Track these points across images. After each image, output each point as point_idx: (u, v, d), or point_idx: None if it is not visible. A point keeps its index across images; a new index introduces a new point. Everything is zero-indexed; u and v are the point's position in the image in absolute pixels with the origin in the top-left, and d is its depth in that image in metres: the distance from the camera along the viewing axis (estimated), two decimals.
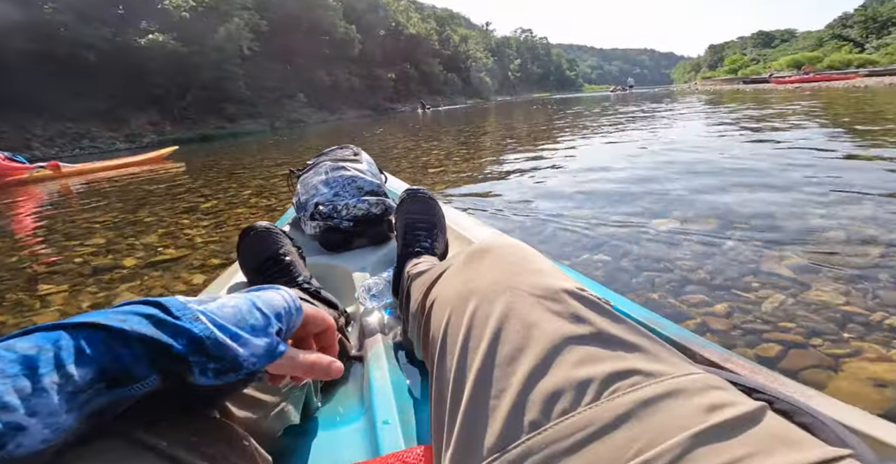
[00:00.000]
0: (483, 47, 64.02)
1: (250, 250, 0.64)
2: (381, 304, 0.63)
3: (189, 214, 2.37)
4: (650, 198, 1.80)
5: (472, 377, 0.21)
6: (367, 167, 1.00)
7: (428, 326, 0.30)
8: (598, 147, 3.82)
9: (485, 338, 0.22)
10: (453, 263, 0.32)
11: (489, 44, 69.57)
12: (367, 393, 0.46)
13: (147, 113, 16.08)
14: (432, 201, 0.67)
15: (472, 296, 0.25)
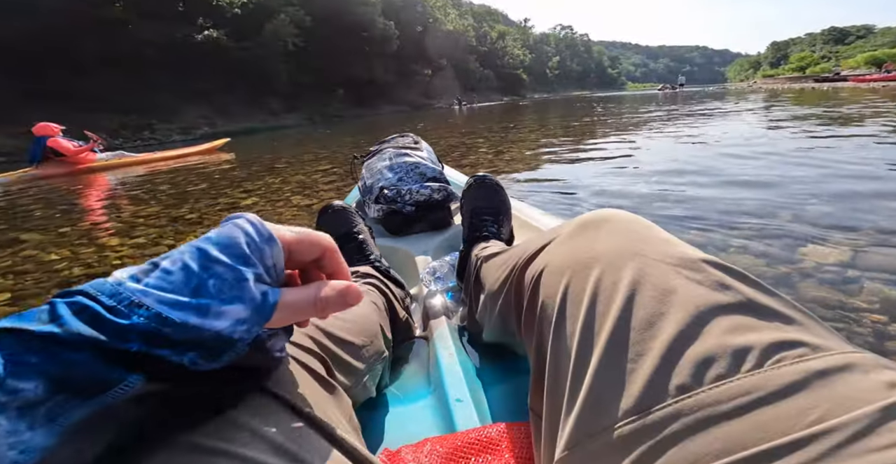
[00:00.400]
0: (521, 44, 62.54)
1: (327, 227, 0.65)
2: (444, 287, 0.64)
3: (229, 213, 2.23)
4: (781, 215, 1.40)
5: (601, 342, 0.21)
6: (428, 155, 1.02)
7: (535, 296, 0.29)
8: (671, 145, 3.38)
9: (615, 303, 0.22)
10: (557, 236, 0.31)
11: (527, 40, 67.85)
12: (434, 372, 0.47)
13: (200, 106, 16.88)
14: (499, 188, 0.66)
15: (594, 263, 0.25)
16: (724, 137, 3.70)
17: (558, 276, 0.27)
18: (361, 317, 0.42)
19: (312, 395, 0.26)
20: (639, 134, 4.71)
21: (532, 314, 0.29)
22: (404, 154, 0.98)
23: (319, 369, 0.30)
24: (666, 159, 2.75)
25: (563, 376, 0.23)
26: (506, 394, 0.43)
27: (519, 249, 0.38)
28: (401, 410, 0.44)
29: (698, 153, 3.00)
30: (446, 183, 0.94)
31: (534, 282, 0.30)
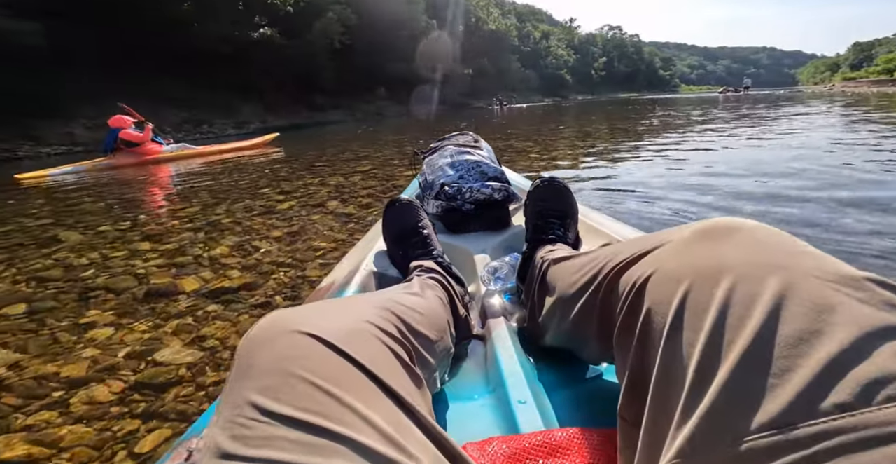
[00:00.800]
0: (565, 44, 60.49)
1: (394, 220, 0.68)
2: (503, 287, 0.63)
3: (264, 219, 2.10)
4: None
5: (734, 355, 0.20)
6: (488, 154, 1.02)
7: (637, 303, 0.27)
8: (760, 152, 2.88)
9: (752, 317, 0.21)
10: (665, 242, 0.29)
11: (572, 41, 65.46)
12: (492, 372, 0.47)
13: (253, 103, 17.72)
14: (567, 191, 0.64)
15: (723, 273, 0.23)
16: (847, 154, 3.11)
17: (672, 284, 0.25)
18: (433, 311, 0.42)
19: (405, 384, 0.27)
20: (711, 138, 4.18)
21: (631, 320, 0.28)
22: (465, 152, 0.98)
23: (405, 358, 0.30)
24: (752, 166, 2.51)
25: (676, 385, 0.22)
26: (568, 399, 0.42)
27: (603, 253, 0.36)
28: (460, 407, 0.43)
29: (801, 162, 2.57)
30: (507, 183, 0.92)
31: (635, 288, 0.28)
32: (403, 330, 0.33)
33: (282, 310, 0.29)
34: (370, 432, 0.21)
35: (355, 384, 0.24)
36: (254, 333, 0.27)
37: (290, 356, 0.24)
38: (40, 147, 11.10)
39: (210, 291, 1.29)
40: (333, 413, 0.21)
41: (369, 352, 0.27)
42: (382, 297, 0.39)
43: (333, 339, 0.26)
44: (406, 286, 0.47)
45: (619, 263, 0.32)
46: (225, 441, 0.20)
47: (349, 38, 19.86)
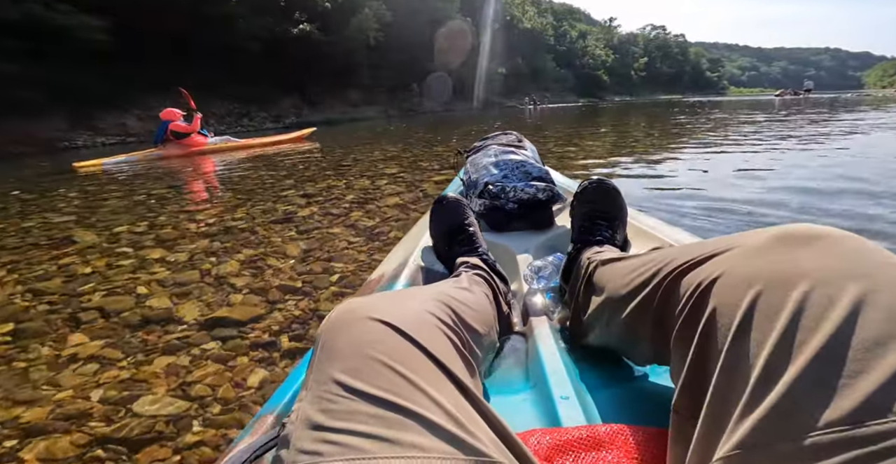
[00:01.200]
0: (603, 44, 58.12)
1: (441, 217, 0.69)
2: (546, 286, 0.64)
3: (282, 228, 1.94)
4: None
5: (805, 355, 0.21)
6: (532, 154, 1.03)
7: (700, 304, 0.28)
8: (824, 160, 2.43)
9: (827, 320, 0.21)
10: (735, 247, 0.29)
11: (611, 40, 62.82)
12: (534, 368, 0.48)
13: (291, 97, 18.18)
14: (616, 192, 0.63)
15: (800, 279, 0.23)
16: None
17: (743, 286, 0.25)
18: (481, 306, 0.44)
19: (462, 370, 0.29)
20: (772, 142, 3.71)
21: (693, 320, 0.28)
22: (510, 152, 0.99)
23: (461, 347, 0.32)
24: (824, 174, 2.36)
25: (740, 381, 0.22)
26: (612, 397, 0.42)
27: (660, 255, 0.36)
28: (502, 399, 0.44)
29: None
30: (552, 183, 0.92)
31: (700, 289, 0.28)
32: (457, 321, 0.35)
33: (356, 298, 0.32)
34: (437, 410, 0.23)
35: (423, 368, 0.26)
36: (334, 319, 0.30)
37: (366, 340, 0.27)
38: (97, 137, 11.85)
39: (209, 321, 1.11)
40: (405, 393, 0.24)
41: (432, 339, 0.29)
42: (436, 290, 0.41)
43: (403, 326, 0.28)
44: (456, 281, 0.49)
45: (679, 265, 0.32)
46: (315, 414, 0.23)
47: (384, 35, 19.89)
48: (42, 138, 10.80)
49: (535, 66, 38.05)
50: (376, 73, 21.08)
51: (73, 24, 9.98)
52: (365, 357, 0.26)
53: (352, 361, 0.25)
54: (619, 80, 58.68)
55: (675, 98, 42.79)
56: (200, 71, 15.12)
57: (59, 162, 6.63)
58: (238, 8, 15.33)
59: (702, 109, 12.53)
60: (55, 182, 4.03)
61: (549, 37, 43.11)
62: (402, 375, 0.25)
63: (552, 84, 41.08)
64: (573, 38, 49.19)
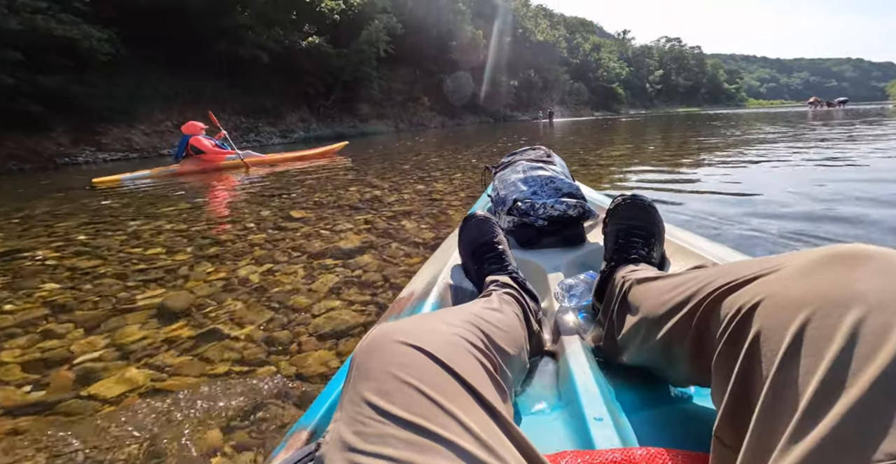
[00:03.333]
0: (618, 56, 58.88)
1: (469, 235, 0.70)
2: (577, 305, 0.63)
3: (260, 296, 1.44)
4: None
5: (860, 383, 0.20)
6: (561, 169, 1.03)
7: (743, 327, 0.28)
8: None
9: (885, 347, 0.21)
10: (780, 267, 0.29)
11: (625, 53, 63.70)
12: (565, 388, 0.47)
13: (299, 111, 18.27)
14: (652, 209, 0.63)
15: (853, 303, 0.23)
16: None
17: (790, 310, 0.25)
18: (512, 327, 0.44)
19: (494, 395, 0.30)
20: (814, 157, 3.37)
21: (735, 345, 0.28)
22: (538, 167, 0.99)
23: (492, 370, 0.33)
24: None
25: (787, 410, 0.22)
26: (648, 419, 0.42)
27: (700, 275, 0.36)
28: (532, 420, 0.44)
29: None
30: (583, 199, 0.92)
31: (742, 313, 0.28)
32: (488, 344, 0.36)
33: (389, 323, 0.33)
34: (467, 437, 0.24)
35: (454, 393, 0.27)
36: (368, 343, 0.30)
37: (399, 363, 0.28)
38: (99, 152, 11.81)
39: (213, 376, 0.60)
40: (436, 417, 0.24)
41: (464, 364, 0.30)
42: (467, 311, 0.41)
43: (434, 350, 0.29)
44: (487, 301, 0.50)
45: (721, 286, 0.32)
46: (348, 435, 0.24)
47: (394, 48, 20.14)
48: (42, 154, 10.81)
49: (548, 78, 38.38)
50: (387, 85, 21.28)
51: (75, 35, 10.04)
52: (397, 381, 0.26)
53: (384, 383, 0.26)
54: (635, 93, 58.99)
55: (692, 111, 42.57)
56: (207, 84, 15.30)
57: (62, 178, 6.40)
58: (246, 20, 15.59)
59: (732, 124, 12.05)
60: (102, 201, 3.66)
61: (563, 49, 43.75)
62: (433, 399, 0.25)
63: (566, 97, 41.28)
64: (587, 50, 49.90)
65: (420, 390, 0.26)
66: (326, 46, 17.68)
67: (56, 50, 10.07)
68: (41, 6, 9.53)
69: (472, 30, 27.02)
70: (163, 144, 13.24)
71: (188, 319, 1.08)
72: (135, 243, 2.00)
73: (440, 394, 0.26)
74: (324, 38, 17.66)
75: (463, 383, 0.28)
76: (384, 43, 19.48)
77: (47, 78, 9.93)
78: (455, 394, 0.27)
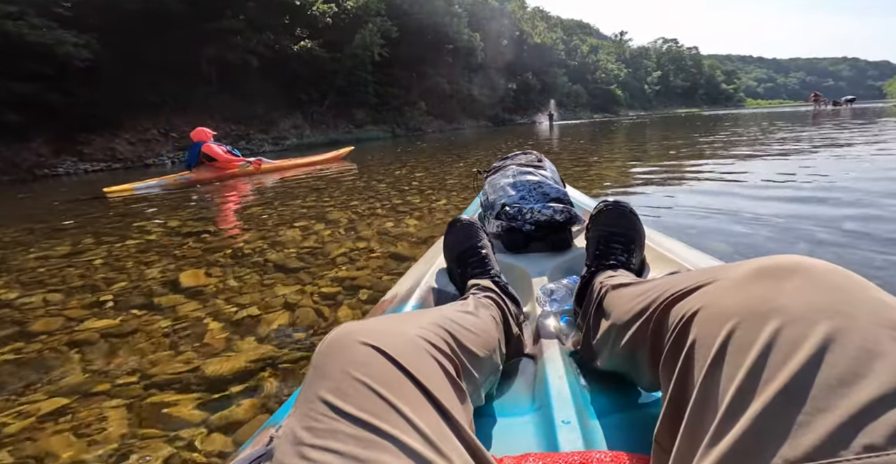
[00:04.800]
0: (615, 58, 59.20)
1: (454, 239, 0.72)
2: (559, 309, 0.65)
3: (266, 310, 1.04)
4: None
5: (769, 391, 0.21)
6: (551, 174, 1.05)
7: (683, 335, 0.29)
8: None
9: (795, 357, 0.22)
10: (719, 278, 0.30)
11: (622, 54, 64.12)
12: (539, 391, 0.49)
13: (292, 117, 17.91)
14: (633, 216, 0.65)
15: (773, 315, 0.24)
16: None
17: (719, 320, 0.27)
18: (485, 331, 0.45)
19: (449, 396, 0.31)
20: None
21: (676, 351, 0.29)
22: (528, 172, 1.01)
23: (452, 372, 0.34)
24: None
25: (709, 414, 0.23)
26: (614, 423, 0.43)
27: (660, 283, 0.38)
28: (504, 422, 0.45)
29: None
30: (570, 204, 0.94)
31: (683, 321, 0.30)
32: (453, 346, 0.37)
33: (351, 322, 0.34)
34: (414, 434, 0.25)
35: (405, 392, 0.28)
36: (328, 342, 0.32)
37: (355, 363, 0.29)
38: (81, 163, 11.38)
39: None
40: (387, 416, 0.26)
41: (420, 365, 0.31)
42: (438, 314, 0.42)
43: (391, 351, 0.30)
44: (462, 304, 0.51)
45: (671, 295, 0.33)
46: (299, 431, 0.25)
47: (388, 51, 19.89)
48: (20, 165, 10.37)
49: (547, 81, 38.35)
50: (382, 90, 21.00)
51: (48, 41, 9.63)
52: (352, 380, 0.27)
53: (339, 382, 0.27)
54: (633, 95, 59.22)
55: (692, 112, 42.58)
56: (195, 91, 14.92)
57: (46, 191, 5.99)
58: (236, 24, 15.27)
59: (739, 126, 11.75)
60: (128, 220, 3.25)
61: (560, 51, 43.87)
62: (385, 398, 0.26)
63: (564, 99, 41.25)
64: (584, 52, 50.13)
65: (373, 390, 0.27)
66: (319, 51, 17.39)
67: (32, 56, 9.68)
68: (11, 10, 9.15)
69: (468, 32, 26.90)
70: (148, 154, 12.84)
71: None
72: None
73: (392, 393, 0.27)
74: (316, 42, 17.37)
75: (417, 383, 0.29)
76: (379, 46, 19.21)
77: (23, 85, 9.52)
78: (407, 394, 0.28)
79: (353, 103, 19.67)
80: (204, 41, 14.72)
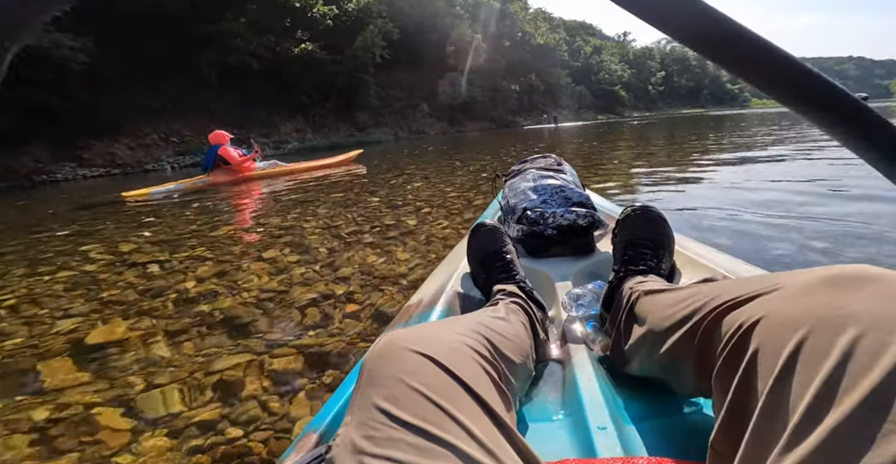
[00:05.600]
0: (619, 59, 58.98)
1: (478, 245, 0.72)
2: (585, 314, 0.64)
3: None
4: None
5: (851, 400, 0.21)
6: (572, 178, 1.07)
7: (742, 344, 0.29)
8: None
9: (877, 367, 0.22)
10: (781, 287, 0.30)
11: (626, 55, 63.89)
12: (570, 396, 0.48)
13: (294, 120, 17.80)
14: (662, 220, 0.64)
15: (849, 323, 0.24)
16: None
17: (787, 328, 0.26)
18: (518, 336, 0.46)
19: (498, 402, 0.31)
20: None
21: (735, 360, 0.29)
22: (548, 176, 1.01)
23: (497, 378, 0.34)
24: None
25: (780, 422, 0.23)
26: (651, 429, 0.42)
27: (704, 290, 0.38)
28: (536, 427, 0.45)
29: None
30: (593, 209, 0.94)
31: (742, 330, 0.29)
32: (493, 353, 0.37)
33: (398, 331, 0.34)
34: (472, 442, 0.25)
35: (460, 400, 0.28)
36: (378, 350, 0.32)
37: (408, 371, 0.29)
38: (80, 169, 11.28)
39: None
40: (443, 424, 0.26)
41: (470, 372, 0.31)
42: (474, 320, 0.43)
43: (441, 358, 0.31)
44: (493, 310, 0.51)
45: (724, 302, 0.33)
46: (359, 439, 0.25)
47: (390, 53, 19.77)
48: (18, 171, 10.29)
49: (550, 82, 38.17)
50: (384, 92, 20.89)
51: (44, 44, 9.55)
52: (405, 387, 0.28)
53: (393, 389, 0.28)
54: (638, 95, 58.95)
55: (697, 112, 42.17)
56: (196, 95, 14.86)
57: (45, 198, 5.82)
58: (236, 27, 15.19)
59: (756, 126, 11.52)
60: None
61: (563, 52, 43.72)
62: (440, 406, 0.27)
63: (568, 101, 41.07)
64: (587, 53, 49.97)
65: (427, 397, 0.27)
66: (320, 53, 17.28)
67: (30, 60, 9.61)
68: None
69: (470, 34, 26.81)
70: (148, 159, 12.74)
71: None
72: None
73: (447, 401, 0.27)
74: (317, 45, 17.26)
75: (469, 390, 0.29)
76: (380, 48, 19.10)
77: (20, 90, 9.45)
78: (461, 401, 0.28)
79: (356, 106, 19.55)
80: (204, 44, 14.65)
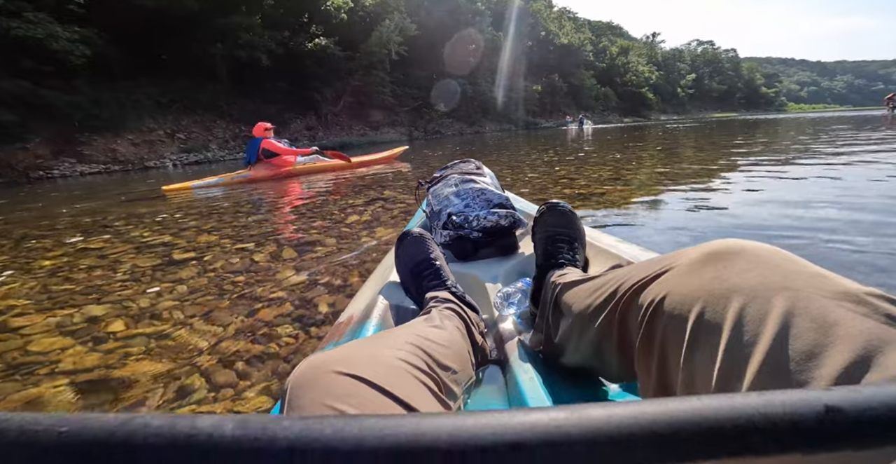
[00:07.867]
0: (646, 60, 57.12)
1: (406, 253, 0.71)
2: (517, 311, 0.68)
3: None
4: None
5: (752, 370, 0.23)
6: (491, 181, 1.11)
7: (653, 324, 0.31)
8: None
9: (764, 334, 0.23)
10: (673, 266, 0.32)
11: (654, 57, 61.89)
12: (513, 394, 0.50)
13: (305, 118, 17.28)
14: (572, 215, 0.69)
15: (732, 294, 0.26)
16: None
17: (686, 305, 0.28)
18: (455, 343, 0.46)
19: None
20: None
21: (651, 341, 0.31)
22: (470, 180, 1.04)
23: (436, 390, 0.34)
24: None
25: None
26: None
27: (615, 276, 0.39)
28: None
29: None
30: (513, 209, 0.98)
31: (651, 310, 0.31)
32: (431, 364, 0.37)
33: (319, 354, 0.32)
34: None
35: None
36: (299, 374, 0.30)
37: (338, 395, 0.28)
38: (79, 165, 10.91)
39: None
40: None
41: (407, 389, 0.31)
42: (408, 332, 0.42)
43: (374, 378, 0.30)
44: (427, 319, 0.51)
45: (632, 285, 0.35)
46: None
47: (407, 50, 19.07)
48: (15, 167, 9.97)
49: (574, 83, 36.93)
50: (400, 90, 20.23)
51: (38, 35, 9.10)
52: (334, 412, 0.26)
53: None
54: (665, 98, 56.93)
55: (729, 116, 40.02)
56: (204, 90, 14.42)
57: (39, 197, 5.27)
58: (248, 19, 14.72)
59: (815, 132, 10.12)
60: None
61: (588, 52, 42.42)
62: None
63: (592, 102, 39.70)
64: (613, 54, 48.43)
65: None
66: (334, 48, 16.70)
67: (28, 53, 9.25)
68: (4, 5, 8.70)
69: (491, 31, 25.94)
70: (151, 156, 12.33)
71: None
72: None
73: None
74: (331, 40, 16.68)
75: (407, 408, 0.29)
76: (396, 45, 18.43)
77: (17, 83, 9.08)
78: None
79: (370, 104, 18.93)
80: (215, 38, 14.22)
